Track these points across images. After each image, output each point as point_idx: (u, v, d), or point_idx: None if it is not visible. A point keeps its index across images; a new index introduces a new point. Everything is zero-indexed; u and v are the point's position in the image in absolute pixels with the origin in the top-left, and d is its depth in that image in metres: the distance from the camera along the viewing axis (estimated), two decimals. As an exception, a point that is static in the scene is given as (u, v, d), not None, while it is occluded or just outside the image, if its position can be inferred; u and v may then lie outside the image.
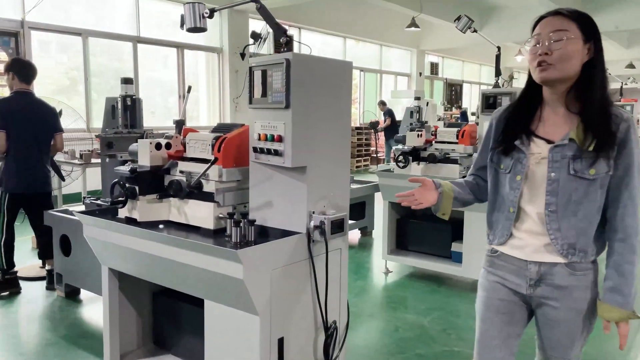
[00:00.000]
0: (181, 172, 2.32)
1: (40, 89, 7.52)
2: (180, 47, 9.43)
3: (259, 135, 2.06)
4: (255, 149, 2.10)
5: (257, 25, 10.59)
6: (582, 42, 1.52)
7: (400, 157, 4.41)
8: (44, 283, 4.17)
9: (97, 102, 8.26)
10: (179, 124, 2.51)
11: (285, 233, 2.05)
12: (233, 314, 1.94)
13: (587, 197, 1.53)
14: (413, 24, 11.38)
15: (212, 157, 2.26)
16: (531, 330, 1.74)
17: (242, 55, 11.02)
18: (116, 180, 2.32)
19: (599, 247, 1.60)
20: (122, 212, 2.38)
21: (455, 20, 4.33)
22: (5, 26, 7.13)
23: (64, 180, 4.63)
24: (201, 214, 2.23)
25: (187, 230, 2.25)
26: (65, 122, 5.06)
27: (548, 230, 1.57)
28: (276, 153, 2.00)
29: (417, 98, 7.89)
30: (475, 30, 4.28)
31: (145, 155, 2.35)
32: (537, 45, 1.54)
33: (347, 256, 2.27)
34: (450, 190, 1.83)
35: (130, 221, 2.33)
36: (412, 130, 6.84)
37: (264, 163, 2.09)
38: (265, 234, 2.11)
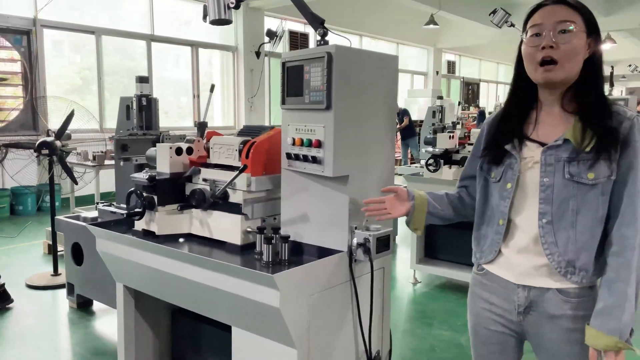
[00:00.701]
0: (204, 180, 2.08)
1: (55, 88, 7.37)
2: (194, 45, 9.23)
3: (294, 139, 1.82)
4: (288, 155, 1.85)
5: (273, 23, 10.36)
6: (585, 37, 1.35)
7: (431, 161, 4.13)
8: (55, 292, 3.97)
9: (110, 101, 8.09)
10: (202, 126, 2.27)
11: (323, 251, 1.80)
12: (266, 345, 1.70)
13: (587, 205, 1.34)
14: (432, 21, 11.08)
15: (238, 164, 2.02)
16: None
17: (258, 54, 10.78)
18: (132, 189, 2.08)
19: (601, 265, 1.37)
20: (139, 224, 2.15)
21: (490, 14, 4.04)
22: (17, 24, 6.97)
23: (76, 184, 4.43)
24: (227, 227, 1.99)
25: (210, 245, 2.02)
26: (77, 123, 4.87)
27: (543, 244, 1.37)
28: (314, 160, 1.75)
29: (440, 97, 7.61)
30: (512, 25, 4.00)
31: (164, 161, 2.11)
32: (538, 37, 1.35)
33: (390, 276, 2.02)
34: (424, 203, 1.66)
35: (147, 234, 2.10)
36: (435, 131, 6.55)
37: (298, 171, 1.84)
38: (299, 252, 1.87)
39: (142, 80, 3.77)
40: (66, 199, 7.33)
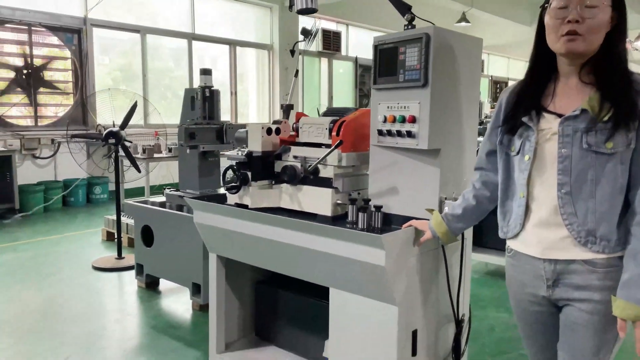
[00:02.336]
0: (295, 157, 2.24)
1: (99, 82, 7.62)
2: (232, 44, 9.46)
3: (385, 117, 1.96)
4: (379, 132, 1.99)
5: (307, 22, 10.53)
6: (610, 11, 1.35)
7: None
8: (121, 274, 4.19)
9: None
10: (288, 108, 2.43)
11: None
12: (366, 304, 1.84)
13: (606, 175, 1.33)
14: (463, 18, 11.13)
15: (328, 142, 2.18)
16: None
17: (292, 52, 10.97)
18: (229, 165, 2.25)
19: (625, 235, 1.35)
20: (232, 199, 2.32)
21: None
22: (69, 23, 7.28)
23: (139, 172, 4.65)
24: (318, 200, 2.14)
25: (301, 216, 2.16)
26: (139, 116, 5.06)
27: (562, 215, 1.37)
28: (408, 135, 1.89)
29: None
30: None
31: (256, 141, 2.27)
32: (564, 9, 1.35)
33: (471, 245, 2.15)
34: (446, 234, 1.76)
35: (240, 207, 2.26)
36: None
37: (389, 146, 1.99)
38: (389, 221, 2.01)
39: (206, 72, 3.97)
40: (114, 191, 7.62)
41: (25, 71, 6.95)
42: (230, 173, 2.28)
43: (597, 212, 1.35)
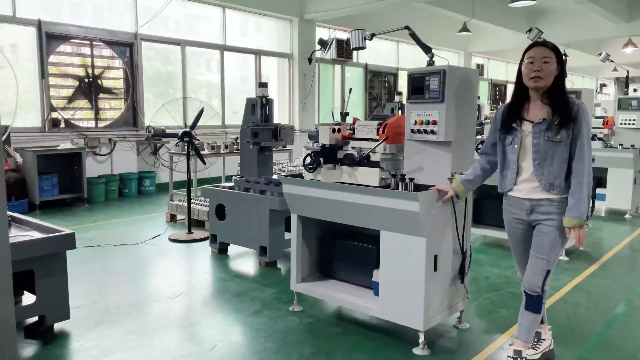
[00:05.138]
0: (353, 147, 3.32)
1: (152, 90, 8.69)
2: (257, 53, 10.55)
3: (416, 120, 3.04)
4: (412, 130, 3.07)
5: (323, 32, 11.63)
6: (556, 64, 2.52)
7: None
8: (192, 245, 5.28)
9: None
10: (345, 115, 3.51)
11: (434, 187, 3.00)
12: (405, 238, 2.92)
13: (558, 153, 2.51)
14: (464, 28, 12.20)
15: (375, 137, 3.25)
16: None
17: (310, 60, 12.06)
18: (308, 152, 3.34)
19: (569, 185, 2.53)
20: (307, 177, 3.39)
21: (526, 32, 5.19)
22: (122, 38, 8.38)
23: (204, 164, 5.73)
24: (369, 176, 3.22)
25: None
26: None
27: (536, 176, 2.55)
28: (432, 132, 2.97)
29: (477, 97, 8.75)
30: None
31: (326, 136, 3.35)
32: (532, 63, 2.52)
33: (471, 205, 3.23)
34: (464, 192, 2.89)
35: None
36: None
37: (418, 140, 3.07)
38: (417, 189, 3.08)
39: (263, 85, 5.06)
40: (160, 184, 8.71)
41: (86, 80, 8.05)
42: (308, 159, 3.36)
43: (554, 173, 2.55)
